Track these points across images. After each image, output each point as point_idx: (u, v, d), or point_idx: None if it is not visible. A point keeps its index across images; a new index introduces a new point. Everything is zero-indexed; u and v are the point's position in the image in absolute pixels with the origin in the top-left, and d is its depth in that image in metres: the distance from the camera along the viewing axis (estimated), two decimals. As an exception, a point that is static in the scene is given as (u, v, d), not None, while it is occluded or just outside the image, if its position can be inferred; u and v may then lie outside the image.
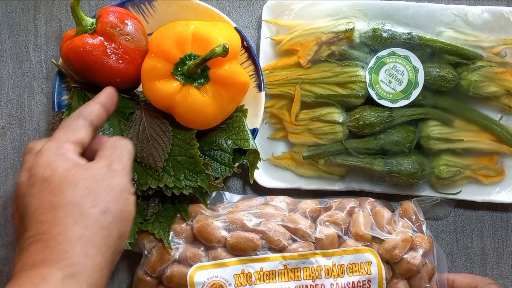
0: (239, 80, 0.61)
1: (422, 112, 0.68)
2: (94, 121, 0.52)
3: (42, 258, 0.43)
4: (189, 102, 0.60)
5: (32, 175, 0.47)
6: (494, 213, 0.73)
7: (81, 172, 0.47)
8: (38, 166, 0.47)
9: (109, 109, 0.55)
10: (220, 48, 0.57)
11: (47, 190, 0.46)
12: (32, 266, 0.43)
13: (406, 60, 0.68)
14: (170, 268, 0.63)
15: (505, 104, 0.69)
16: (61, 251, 0.44)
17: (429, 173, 0.69)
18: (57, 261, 0.43)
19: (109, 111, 0.55)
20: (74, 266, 0.44)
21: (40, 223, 0.45)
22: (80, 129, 0.51)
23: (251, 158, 0.66)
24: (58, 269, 0.43)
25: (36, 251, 0.44)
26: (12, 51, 0.73)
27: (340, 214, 0.64)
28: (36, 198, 0.46)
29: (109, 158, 0.50)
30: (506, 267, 0.72)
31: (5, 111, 0.72)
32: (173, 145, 0.63)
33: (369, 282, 0.62)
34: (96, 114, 0.53)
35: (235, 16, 0.74)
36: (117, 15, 0.61)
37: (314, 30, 0.68)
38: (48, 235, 0.44)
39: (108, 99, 0.55)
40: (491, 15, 0.70)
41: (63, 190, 0.46)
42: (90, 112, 0.52)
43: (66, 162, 0.48)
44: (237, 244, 0.62)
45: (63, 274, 0.43)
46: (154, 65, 0.60)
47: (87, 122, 0.51)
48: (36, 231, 0.45)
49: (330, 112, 0.68)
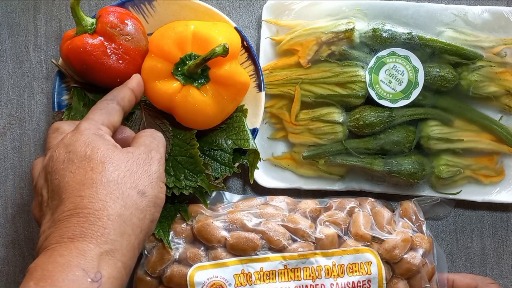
0: (239, 80, 0.61)
1: (422, 112, 0.68)
2: (126, 106, 0.56)
3: (81, 232, 0.44)
4: (189, 102, 0.60)
5: (71, 151, 0.49)
6: (494, 213, 0.73)
7: (122, 154, 0.49)
8: (78, 144, 0.49)
9: (138, 95, 0.58)
10: (220, 48, 0.57)
11: (88, 167, 0.47)
12: (70, 239, 0.44)
13: (406, 60, 0.68)
14: (170, 268, 0.63)
15: (505, 104, 0.69)
16: (100, 227, 0.45)
17: (429, 173, 0.69)
18: (95, 237, 0.44)
19: (138, 98, 0.58)
20: (111, 243, 0.45)
21: (80, 198, 0.46)
22: (115, 113, 0.54)
23: (251, 158, 0.66)
24: (96, 245, 0.44)
25: (75, 225, 0.45)
26: (12, 51, 0.73)
27: (340, 214, 0.64)
28: (76, 173, 0.47)
29: (149, 146, 0.52)
30: (506, 267, 0.72)
31: (5, 111, 0.72)
32: (173, 145, 0.63)
33: (369, 282, 0.62)
34: (128, 100, 0.56)
35: (235, 16, 0.74)
36: (117, 15, 0.61)
37: (314, 30, 0.68)
38: (88, 210, 0.45)
39: (139, 85, 0.58)
40: (491, 15, 0.70)
41: (105, 169, 0.47)
42: (123, 97, 0.56)
43: (106, 144, 0.50)
44: (237, 244, 0.62)
45: (101, 250, 0.44)
46: (154, 65, 0.60)
47: (120, 106, 0.55)
48: (75, 205, 0.46)
49: (330, 112, 0.68)
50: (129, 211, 0.47)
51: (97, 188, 0.46)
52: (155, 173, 0.50)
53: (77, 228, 0.45)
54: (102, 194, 0.46)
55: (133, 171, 0.49)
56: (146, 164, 0.50)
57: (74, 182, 0.47)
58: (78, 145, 0.49)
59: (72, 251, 0.43)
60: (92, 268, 0.43)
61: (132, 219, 0.47)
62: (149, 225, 0.49)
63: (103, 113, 0.53)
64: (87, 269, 0.43)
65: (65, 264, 0.43)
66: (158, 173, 0.51)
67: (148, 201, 0.49)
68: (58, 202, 0.47)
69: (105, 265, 0.44)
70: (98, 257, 0.44)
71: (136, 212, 0.47)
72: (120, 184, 0.47)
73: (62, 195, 0.47)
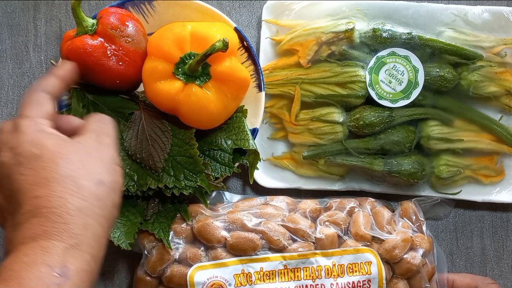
0: (240, 76, 0.61)
1: (422, 112, 0.68)
2: (53, 93, 0.54)
3: (43, 231, 0.44)
4: (192, 100, 0.60)
5: (19, 154, 0.47)
6: (494, 213, 0.73)
7: (71, 146, 0.48)
8: (23, 145, 0.48)
9: (66, 80, 0.56)
10: (220, 43, 0.57)
11: (38, 166, 0.46)
12: (33, 239, 0.44)
13: (406, 60, 0.68)
14: (170, 268, 0.63)
15: (505, 104, 0.69)
16: (61, 224, 0.44)
17: (429, 173, 0.69)
18: (58, 233, 0.44)
19: (67, 82, 0.56)
20: (76, 237, 0.45)
21: (36, 198, 0.45)
22: (46, 102, 0.52)
23: (251, 158, 0.66)
24: (60, 241, 0.44)
25: (36, 225, 0.44)
26: (12, 51, 0.73)
27: (340, 214, 0.65)
28: (27, 175, 0.46)
29: (97, 131, 0.51)
30: (506, 267, 0.72)
31: (5, 111, 0.73)
32: (173, 145, 0.63)
33: (369, 282, 0.62)
34: (53, 86, 0.54)
35: (235, 16, 0.74)
36: (118, 16, 0.61)
37: (314, 30, 0.68)
38: (47, 209, 0.45)
39: (66, 71, 0.57)
40: (491, 15, 0.70)
41: (56, 165, 0.46)
42: (48, 85, 0.54)
43: (52, 138, 0.49)
44: (237, 244, 0.62)
45: (66, 245, 0.44)
46: (155, 67, 0.60)
47: (49, 95, 0.53)
48: (33, 206, 0.45)
49: (330, 112, 0.68)
50: (88, 203, 0.46)
51: (52, 185, 0.46)
52: (108, 157, 0.50)
53: (39, 227, 0.44)
54: (58, 191, 0.45)
55: (85, 161, 0.48)
56: (98, 151, 0.50)
57: (28, 183, 0.46)
58: (23, 146, 0.48)
59: (37, 249, 0.43)
60: (58, 263, 0.43)
61: (93, 209, 0.46)
62: (111, 211, 0.49)
63: (35, 106, 0.51)
64: (53, 264, 0.43)
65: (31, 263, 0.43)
66: (112, 158, 0.50)
67: (106, 188, 0.48)
68: (15, 206, 0.46)
69: (72, 259, 0.44)
70: (64, 252, 0.44)
71: (96, 202, 0.47)
72: (75, 177, 0.46)
73: (18, 198, 0.46)
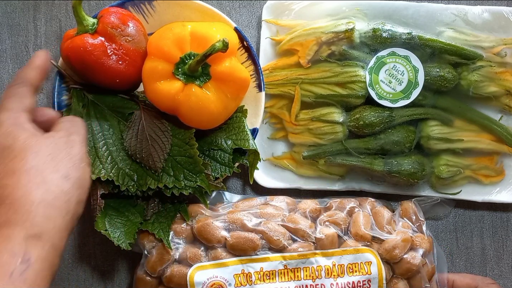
0: (240, 76, 0.61)
1: (422, 112, 0.68)
2: (35, 85, 0.55)
3: (5, 219, 0.46)
4: (192, 100, 0.60)
5: None
6: (494, 213, 0.73)
7: (42, 140, 0.50)
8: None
9: (45, 69, 0.57)
10: (220, 43, 0.57)
11: (8, 157, 0.48)
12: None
13: (406, 60, 0.68)
14: (170, 268, 0.63)
15: (505, 104, 0.69)
16: (24, 213, 0.46)
17: (429, 173, 0.69)
18: (21, 222, 0.46)
19: (45, 71, 0.57)
20: (37, 227, 0.46)
21: (3, 188, 0.47)
22: (27, 95, 0.54)
23: (251, 158, 0.66)
24: (22, 229, 0.45)
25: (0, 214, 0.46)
26: (12, 51, 0.73)
27: (340, 214, 0.64)
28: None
29: (68, 130, 0.53)
30: (506, 267, 0.72)
31: (5, 111, 0.72)
32: (172, 145, 0.63)
33: (369, 282, 0.62)
34: (33, 77, 0.56)
35: (235, 16, 0.74)
36: (119, 16, 0.61)
37: (314, 30, 0.68)
38: (11, 199, 0.46)
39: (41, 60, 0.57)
40: (491, 15, 0.70)
41: (26, 157, 0.48)
42: (30, 77, 0.55)
43: (26, 131, 0.50)
44: (237, 244, 0.62)
45: (27, 234, 0.45)
46: (155, 67, 0.60)
47: (30, 87, 0.55)
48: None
49: (330, 112, 0.68)
50: (52, 195, 0.48)
51: (19, 176, 0.47)
52: (77, 155, 0.52)
53: (2, 216, 0.46)
54: (24, 181, 0.47)
55: (54, 155, 0.50)
56: (68, 147, 0.51)
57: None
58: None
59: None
60: (19, 251, 0.44)
61: (56, 202, 0.48)
62: (75, 207, 0.50)
63: (17, 99, 0.53)
64: (14, 252, 0.44)
65: None
66: (80, 155, 0.52)
67: (72, 184, 0.50)
68: None
69: (33, 247, 0.45)
70: (25, 241, 0.45)
71: (60, 195, 0.48)
72: (42, 170, 0.48)
73: None
